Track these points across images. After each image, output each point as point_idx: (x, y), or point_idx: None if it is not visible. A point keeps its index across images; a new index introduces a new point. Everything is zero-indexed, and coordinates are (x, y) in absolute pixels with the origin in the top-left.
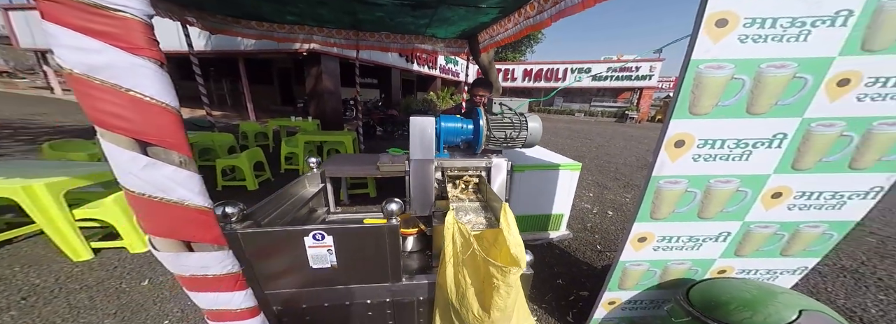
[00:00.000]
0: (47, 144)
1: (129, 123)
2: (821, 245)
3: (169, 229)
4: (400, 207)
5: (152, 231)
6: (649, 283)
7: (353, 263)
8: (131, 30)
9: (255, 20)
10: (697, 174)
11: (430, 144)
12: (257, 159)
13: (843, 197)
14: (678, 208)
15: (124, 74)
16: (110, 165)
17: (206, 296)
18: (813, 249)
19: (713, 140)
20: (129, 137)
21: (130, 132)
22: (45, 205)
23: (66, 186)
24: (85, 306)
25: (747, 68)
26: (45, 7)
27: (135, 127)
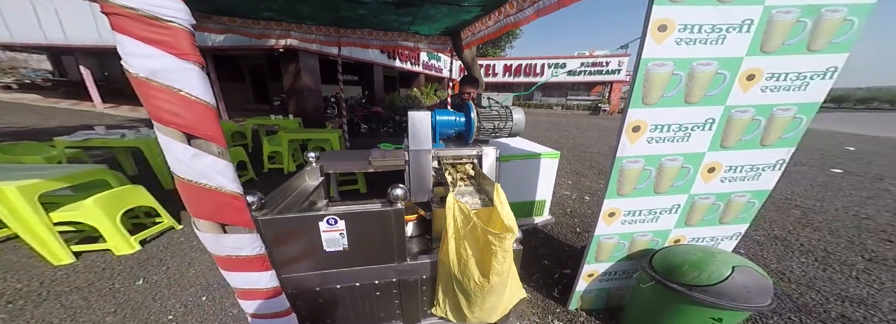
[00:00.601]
0: None
1: (180, 118)
2: (747, 212)
3: (210, 212)
4: (404, 192)
5: (197, 214)
6: (620, 254)
7: (362, 245)
8: (180, 38)
9: (226, 16)
10: (652, 154)
11: (426, 135)
12: (240, 159)
13: (758, 169)
14: (639, 185)
15: (176, 77)
16: (165, 155)
17: (239, 275)
18: (742, 216)
19: (662, 125)
20: (181, 130)
21: (182, 127)
22: (18, 208)
23: (40, 189)
24: (80, 306)
25: (683, 66)
26: (115, 20)
27: (185, 122)
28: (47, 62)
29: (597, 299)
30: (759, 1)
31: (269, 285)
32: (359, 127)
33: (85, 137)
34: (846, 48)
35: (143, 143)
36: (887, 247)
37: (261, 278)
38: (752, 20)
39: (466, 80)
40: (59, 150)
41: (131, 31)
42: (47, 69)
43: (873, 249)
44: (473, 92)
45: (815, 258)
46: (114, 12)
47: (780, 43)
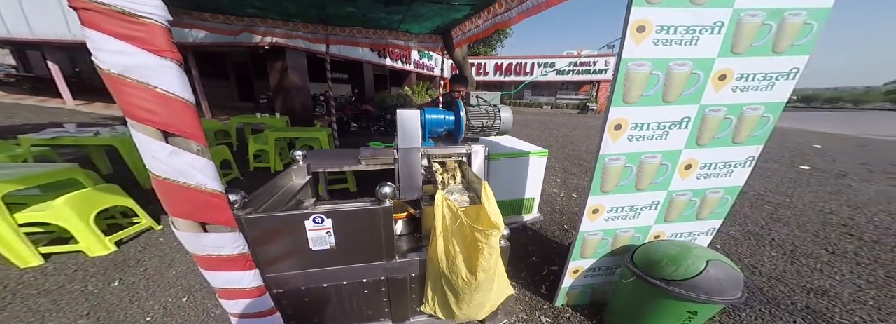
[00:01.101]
0: None
1: (156, 115)
2: (721, 208)
3: (189, 211)
4: (392, 190)
5: (175, 212)
6: (604, 251)
7: (350, 243)
8: (156, 34)
9: (208, 12)
10: (632, 152)
11: (415, 134)
12: (223, 158)
13: (730, 165)
14: (621, 182)
15: (152, 74)
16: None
17: (220, 275)
18: (717, 211)
19: (642, 123)
20: (157, 128)
21: (158, 124)
22: None
23: (3, 190)
24: (49, 309)
25: (660, 66)
26: (85, 15)
27: (161, 119)
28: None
29: (582, 295)
30: (729, 3)
31: (252, 284)
32: (349, 125)
33: (54, 134)
34: (807, 50)
35: (119, 141)
36: (848, 240)
37: (243, 277)
38: (722, 22)
39: (456, 78)
40: (24, 148)
41: (103, 27)
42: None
43: (836, 242)
44: (463, 90)
45: (784, 252)
46: (84, 7)
47: (749, 44)
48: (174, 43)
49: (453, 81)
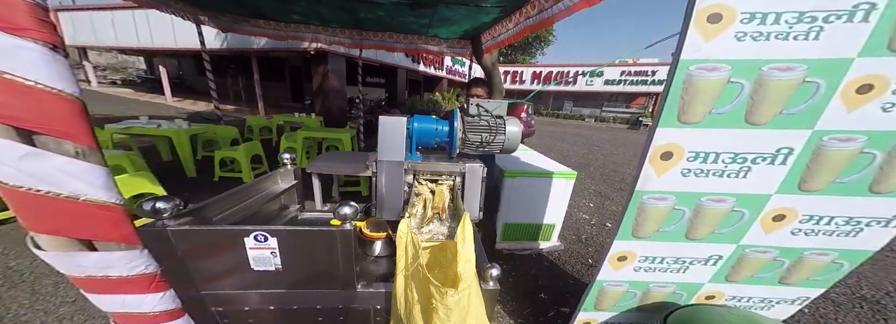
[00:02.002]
0: None
1: (2, 108)
2: (827, 275)
3: (57, 226)
4: (353, 211)
5: (36, 228)
6: (628, 305)
7: (300, 267)
8: (12, 7)
9: (263, 19)
10: (687, 191)
11: (400, 145)
12: (255, 152)
13: (860, 224)
14: (664, 227)
15: None
16: None
17: (109, 298)
18: (818, 278)
19: (705, 153)
20: (3, 123)
21: (4, 119)
22: None
23: None
24: (47, 292)
25: (746, 70)
26: None
27: (11, 113)
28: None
29: None
30: None
31: (159, 308)
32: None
33: (127, 125)
34: None
35: (172, 132)
36: None
37: (145, 300)
38: (873, 4)
39: (475, 80)
40: (106, 135)
41: None
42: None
43: None
44: (482, 94)
45: None
46: None
47: None
48: (48, 23)
49: (471, 84)
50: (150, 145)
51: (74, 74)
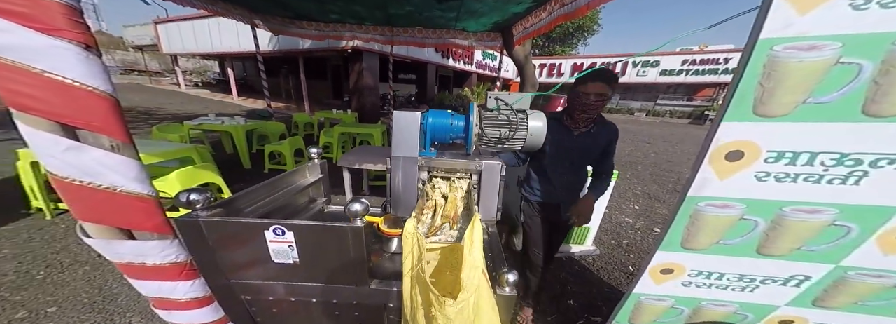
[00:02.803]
0: (155, 127)
1: (45, 104)
2: None
3: (99, 215)
4: (364, 208)
5: (83, 217)
6: (673, 322)
7: (316, 261)
8: (47, 9)
9: (305, 20)
10: (763, 199)
11: (414, 140)
12: (298, 146)
13: None
14: (726, 239)
15: (38, 56)
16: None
17: (147, 284)
18: None
19: (795, 153)
20: (47, 119)
21: (48, 114)
22: None
23: (151, 159)
24: None
25: (869, 47)
26: None
27: (53, 109)
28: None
29: None
30: None
31: (189, 295)
32: None
33: (199, 122)
34: None
35: (232, 128)
36: None
37: (177, 287)
38: None
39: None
40: (184, 131)
41: None
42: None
43: None
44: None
45: None
46: None
47: None
48: (82, 24)
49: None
50: (217, 140)
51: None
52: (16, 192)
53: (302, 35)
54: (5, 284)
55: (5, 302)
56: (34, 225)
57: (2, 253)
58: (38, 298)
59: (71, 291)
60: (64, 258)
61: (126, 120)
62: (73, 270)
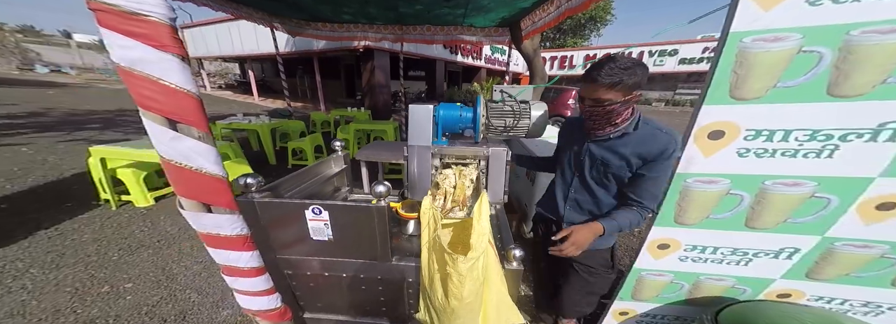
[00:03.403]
0: None
1: (160, 104)
2: None
3: (191, 192)
4: (386, 189)
5: (179, 192)
6: (675, 297)
7: (346, 238)
8: (158, 30)
9: (320, 22)
10: (744, 174)
11: (426, 130)
12: (317, 143)
13: None
14: (715, 214)
15: (154, 67)
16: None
17: (220, 252)
18: None
19: (770, 131)
20: (161, 115)
21: (161, 112)
22: None
23: None
24: (184, 253)
25: (827, 37)
26: (100, 16)
27: (164, 108)
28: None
29: None
30: None
31: (249, 264)
32: None
33: (229, 121)
34: None
35: (257, 126)
36: None
37: (241, 257)
38: None
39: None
40: (217, 130)
41: (113, 25)
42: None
43: None
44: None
45: None
46: (98, 9)
47: None
48: (179, 40)
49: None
50: (244, 137)
51: (195, 80)
52: (87, 185)
53: (317, 36)
54: (90, 263)
55: (93, 278)
56: (104, 215)
57: (84, 238)
58: (116, 275)
59: (140, 270)
60: (131, 243)
61: None
62: (138, 253)
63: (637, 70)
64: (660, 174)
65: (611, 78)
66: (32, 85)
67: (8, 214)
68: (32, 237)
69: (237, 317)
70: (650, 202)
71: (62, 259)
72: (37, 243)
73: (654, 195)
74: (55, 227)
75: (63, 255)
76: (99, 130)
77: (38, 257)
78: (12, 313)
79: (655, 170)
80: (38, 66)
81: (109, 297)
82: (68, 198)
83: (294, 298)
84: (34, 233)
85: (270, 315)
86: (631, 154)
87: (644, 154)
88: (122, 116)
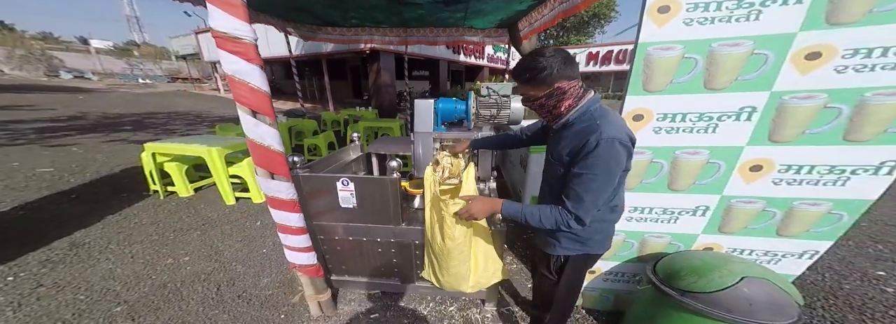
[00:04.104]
0: (218, 127)
1: (248, 100)
2: (828, 226)
3: (263, 163)
4: (399, 164)
5: (256, 163)
6: (628, 255)
7: (367, 205)
8: (249, 49)
9: (330, 26)
10: (661, 146)
11: (428, 120)
12: (330, 140)
13: (845, 172)
14: (646, 179)
15: (246, 74)
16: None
17: (278, 213)
18: (819, 230)
19: (672, 114)
20: (248, 108)
21: (249, 105)
22: (216, 163)
23: (225, 152)
24: (225, 234)
25: (698, 48)
26: (218, 40)
27: (250, 103)
28: None
29: (602, 300)
30: None
31: (296, 224)
32: None
33: None
34: None
35: (279, 125)
36: None
37: (291, 217)
38: None
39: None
40: (240, 129)
41: (226, 47)
42: None
43: None
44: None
45: None
46: (218, 36)
47: (866, 10)
48: (259, 55)
49: None
50: None
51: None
52: (135, 179)
53: (328, 40)
54: (153, 241)
55: (158, 253)
56: (155, 203)
57: (143, 221)
58: (175, 251)
59: (193, 247)
60: (181, 226)
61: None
62: (189, 233)
63: (545, 62)
64: (584, 171)
65: (522, 76)
66: (62, 91)
67: (80, 202)
68: (104, 221)
69: (275, 283)
70: (573, 204)
71: (131, 238)
72: (108, 225)
73: (578, 196)
74: (119, 212)
75: (130, 235)
76: (132, 132)
77: (113, 237)
78: (105, 277)
79: (579, 165)
80: (62, 72)
81: (173, 267)
82: (122, 190)
83: (324, 261)
84: (104, 217)
85: (308, 270)
86: (564, 146)
87: (572, 148)
88: (149, 118)
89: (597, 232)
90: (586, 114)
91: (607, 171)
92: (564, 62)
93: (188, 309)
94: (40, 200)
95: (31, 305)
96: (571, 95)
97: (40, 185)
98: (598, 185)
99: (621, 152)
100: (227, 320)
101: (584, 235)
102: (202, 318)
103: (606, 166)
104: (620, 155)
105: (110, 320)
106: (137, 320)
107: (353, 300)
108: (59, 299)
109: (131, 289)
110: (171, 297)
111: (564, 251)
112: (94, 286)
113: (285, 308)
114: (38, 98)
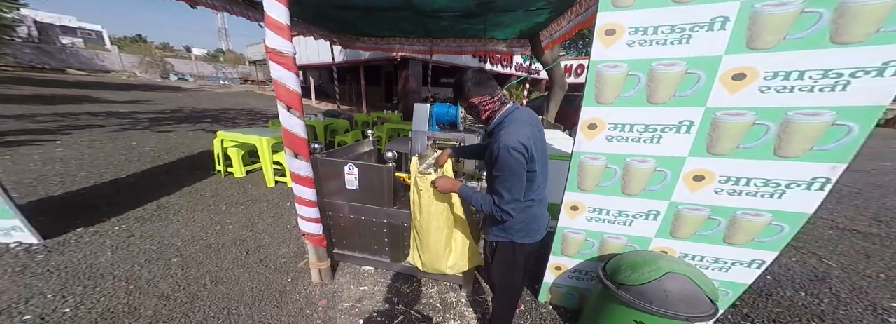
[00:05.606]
0: (270, 122)
1: (285, 98)
2: (771, 236)
3: (291, 145)
4: (394, 155)
5: (286, 145)
6: (590, 253)
7: (367, 188)
8: (289, 60)
9: (366, 36)
10: (614, 153)
11: (424, 121)
12: (357, 138)
13: (780, 186)
14: (602, 182)
15: (286, 80)
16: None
17: (297, 187)
18: (764, 240)
19: (622, 124)
20: (285, 103)
21: (285, 102)
22: (264, 150)
23: (271, 142)
24: (262, 210)
25: (640, 67)
26: (270, 55)
27: (286, 100)
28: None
29: (568, 297)
30: None
31: (310, 198)
32: None
33: None
34: None
35: (314, 122)
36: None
37: (306, 192)
38: (726, 17)
39: None
40: None
41: (275, 59)
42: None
43: None
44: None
45: None
46: (270, 51)
47: (780, 38)
48: (296, 65)
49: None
50: None
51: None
52: (206, 160)
53: (363, 48)
54: (209, 210)
55: (211, 220)
56: (216, 180)
57: (206, 194)
58: (224, 219)
59: (237, 218)
60: (231, 201)
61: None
62: (236, 207)
63: (460, 81)
64: (498, 173)
65: (453, 92)
66: (168, 90)
67: (168, 176)
68: (181, 191)
69: (290, 254)
70: (498, 198)
71: (195, 206)
72: (183, 194)
73: (498, 191)
74: (192, 185)
75: (196, 203)
76: (210, 123)
77: (184, 204)
78: (173, 234)
79: (494, 167)
80: (171, 74)
81: (220, 232)
82: (196, 168)
83: (329, 234)
84: (181, 188)
85: (315, 239)
86: (489, 151)
87: (489, 153)
88: (224, 113)
89: (517, 221)
90: (500, 124)
91: (511, 171)
92: (476, 82)
93: (222, 266)
94: (144, 171)
95: (124, 248)
96: (486, 108)
97: (146, 159)
98: (510, 183)
99: (517, 156)
100: (248, 277)
101: (507, 225)
102: (230, 274)
103: (510, 168)
104: (516, 158)
105: (168, 267)
106: (185, 270)
107: (349, 273)
108: (140, 247)
109: (188, 245)
110: (212, 255)
111: (495, 237)
112: (165, 241)
113: (293, 274)
114: (153, 95)
